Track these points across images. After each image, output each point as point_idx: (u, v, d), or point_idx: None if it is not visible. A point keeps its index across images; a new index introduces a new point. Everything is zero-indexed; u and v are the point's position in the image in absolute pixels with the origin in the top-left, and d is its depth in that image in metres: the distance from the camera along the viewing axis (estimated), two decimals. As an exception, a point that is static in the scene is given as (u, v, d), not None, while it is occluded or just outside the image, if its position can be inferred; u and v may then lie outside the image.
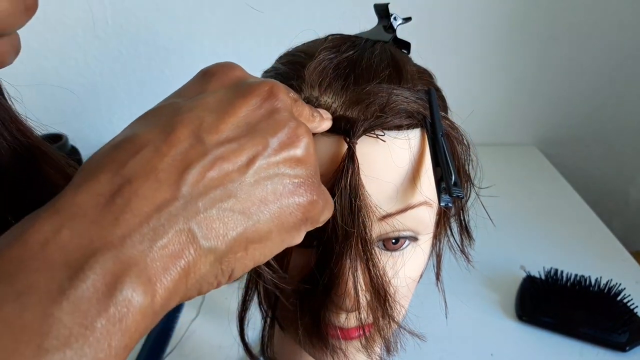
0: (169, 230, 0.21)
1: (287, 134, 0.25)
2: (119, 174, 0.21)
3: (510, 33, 1.00)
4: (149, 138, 0.23)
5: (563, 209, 0.92)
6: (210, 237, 0.22)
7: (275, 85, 0.26)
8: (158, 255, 0.20)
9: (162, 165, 0.22)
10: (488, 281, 0.73)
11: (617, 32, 1.01)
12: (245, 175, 0.24)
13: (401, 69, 0.36)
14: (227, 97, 0.25)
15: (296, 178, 0.25)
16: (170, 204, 0.21)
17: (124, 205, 0.21)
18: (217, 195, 0.23)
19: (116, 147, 0.23)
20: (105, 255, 0.19)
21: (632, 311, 0.64)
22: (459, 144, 0.38)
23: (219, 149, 0.23)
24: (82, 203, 0.20)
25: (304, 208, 0.26)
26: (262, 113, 0.25)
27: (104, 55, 0.96)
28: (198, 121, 0.23)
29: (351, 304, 0.34)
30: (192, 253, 0.22)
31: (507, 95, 1.07)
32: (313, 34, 0.41)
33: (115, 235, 0.20)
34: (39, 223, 0.20)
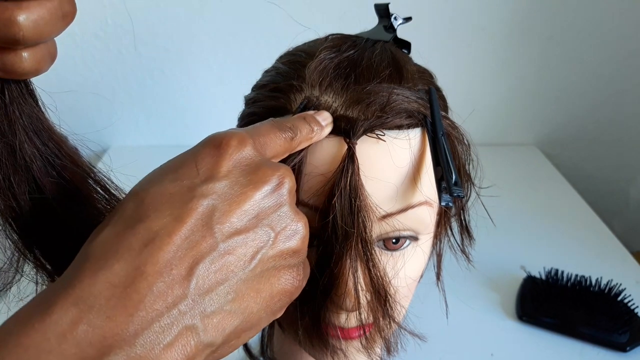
0: (176, 328, 0.22)
1: (288, 229, 0.26)
2: (133, 264, 0.22)
3: (510, 33, 1.00)
4: (162, 225, 0.23)
5: (563, 209, 0.92)
6: (210, 332, 0.23)
7: (285, 175, 0.27)
8: (163, 354, 0.21)
9: (175, 259, 0.22)
10: (488, 281, 0.73)
11: (617, 32, 1.01)
12: (247, 269, 0.25)
13: (401, 69, 0.36)
14: (240, 184, 0.25)
15: (289, 268, 0.27)
16: (180, 302, 0.22)
17: (138, 301, 0.21)
18: (220, 292, 0.24)
19: (129, 228, 0.23)
20: (118, 355, 0.20)
21: (632, 311, 0.64)
22: (459, 143, 0.38)
23: (228, 242, 0.24)
24: (97, 294, 0.21)
25: (290, 293, 0.27)
26: (270, 205, 0.26)
27: (104, 55, 0.96)
28: (210, 209, 0.24)
29: (351, 304, 0.34)
30: (193, 348, 0.22)
31: (507, 95, 1.07)
32: (313, 34, 0.41)
33: (128, 333, 0.21)
34: (57, 313, 0.20)
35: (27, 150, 0.28)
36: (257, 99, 0.38)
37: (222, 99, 1.01)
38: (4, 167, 0.27)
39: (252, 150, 0.27)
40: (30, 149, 0.28)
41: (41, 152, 0.28)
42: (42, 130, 0.29)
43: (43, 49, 0.25)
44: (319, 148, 0.33)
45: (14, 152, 0.27)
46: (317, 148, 0.33)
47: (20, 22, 0.22)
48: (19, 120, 0.27)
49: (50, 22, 0.24)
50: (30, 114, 0.28)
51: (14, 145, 0.27)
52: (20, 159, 0.28)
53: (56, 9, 0.24)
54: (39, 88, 0.29)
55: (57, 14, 0.24)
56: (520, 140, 1.13)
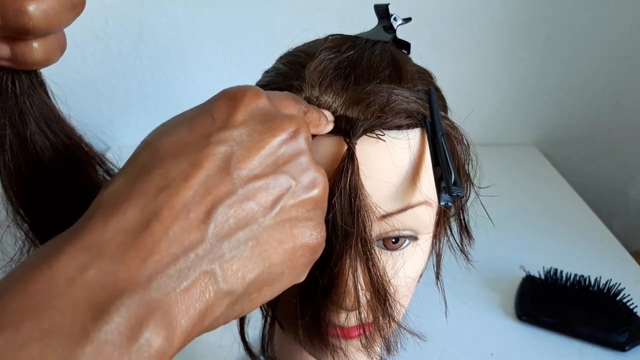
0: (194, 272, 0.21)
1: (309, 178, 0.26)
2: (147, 208, 0.21)
3: (510, 33, 1.00)
4: (178, 170, 0.22)
5: (563, 209, 0.92)
6: (230, 280, 0.22)
7: (301, 124, 0.26)
8: (181, 299, 0.20)
9: (192, 203, 0.22)
10: (488, 281, 0.73)
11: (617, 32, 1.01)
12: (268, 216, 0.24)
13: (401, 69, 0.36)
14: (257, 131, 0.25)
15: (311, 220, 0.26)
16: (198, 246, 0.21)
17: (152, 245, 0.20)
18: (240, 237, 0.23)
19: (143, 175, 0.22)
20: (131, 297, 0.19)
21: (631, 311, 0.64)
22: (458, 143, 0.38)
23: (246, 186, 0.23)
24: (109, 239, 0.20)
25: (313, 249, 0.26)
26: (289, 152, 0.25)
27: (104, 55, 0.96)
28: (228, 156, 0.23)
29: (351, 303, 0.34)
30: (212, 296, 0.22)
31: (507, 95, 1.07)
32: (313, 34, 0.41)
33: (142, 276, 0.20)
34: (66, 259, 0.20)
35: (38, 140, 0.28)
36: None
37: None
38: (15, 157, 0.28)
39: (268, 102, 0.26)
40: (41, 139, 0.28)
41: (52, 142, 0.29)
42: (53, 121, 0.29)
43: (53, 40, 0.25)
44: (319, 148, 0.33)
45: (25, 142, 0.28)
46: (317, 148, 0.33)
47: (31, 11, 0.23)
48: (30, 110, 0.27)
49: (60, 12, 0.24)
50: (41, 105, 0.28)
51: (25, 135, 0.28)
52: (31, 149, 0.28)
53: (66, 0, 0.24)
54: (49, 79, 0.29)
55: (66, 4, 0.24)
56: (520, 140, 1.14)
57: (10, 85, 0.26)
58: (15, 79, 0.26)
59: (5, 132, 0.27)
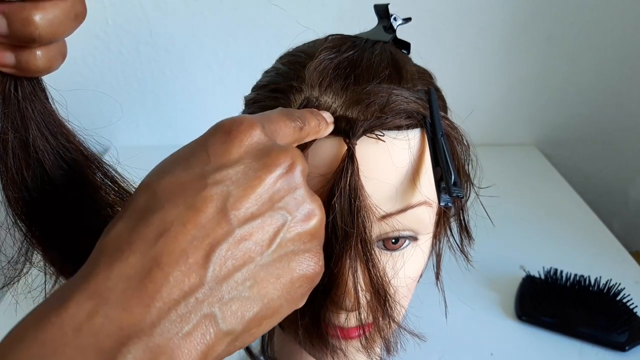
0: (195, 316, 0.22)
1: (304, 211, 0.26)
2: (148, 255, 0.22)
3: (510, 33, 1.00)
4: (176, 214, 0.23)
5: (563, 209, 0.92)
6: (229, 320, 0.23)
7: (296, 157, 0.26)
8: (183, 343, 0.21)
9: (190, 248, 0.22)
10: (488, 281, 0.73)
11: (617, 32, 1.01)
12: (265, 254, 0.24)
13: (401, 69, 0.36)
14: (252, 168, 0.25)
15: (308, 252, 0.26)
16: (198, 290, 0.22)
17: (154, 291, 0.21)
18: (238, 278, 0.23)
19: (143, 220, 0.23)
20: (137, 344, 0.20)
21: (631, 311, 0.64)
22: (458, 144, 0.38)
23: (243, 227, 0.24)
24: (113, 287, 0.21)
25: (311, 279, 0.27)
26: (284, 187, 0.25)
27: (104, 55, 0.96)
28: (224, 196, 0.24)
29: (351, 303, 0.34)
30: (213, 337, 0.22)
31: (507, 95, 1.07)
32: (313, 34, 0.41)
33: (146, 323, 0.20)
34: (73, 307, 0.20)
35: (39, 144, 0.29)
36: (257, 99, 0.38)
37: (222, 99, 1.01)
38: (16, 161, 0.28)
39: (262, 134, 0.26)
40: (42, 143, 0.29)
41: (52, 146, 0.29)
42: (54, 126, 0.30)
43: (55, 48, 0.26)
44: (319, 149, 0.33)
45: (26, 147, 0.28)
46: (317, 149, 0.33)
47: (37, 21, 0.24)
48: (32, 115, 0.28)
49: (64, 22, 0.25)
50: (42, 110, 0.29)
51: (26, 140, 0.28)
52: (33, 153, 0.29)
53: (69, 10, 0.25)
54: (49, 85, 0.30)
55: (70, 14, 0.25)
56: (520, 141, 1.14)
57: (13, 91, 0.27)
58: (18, 85, 0.27)
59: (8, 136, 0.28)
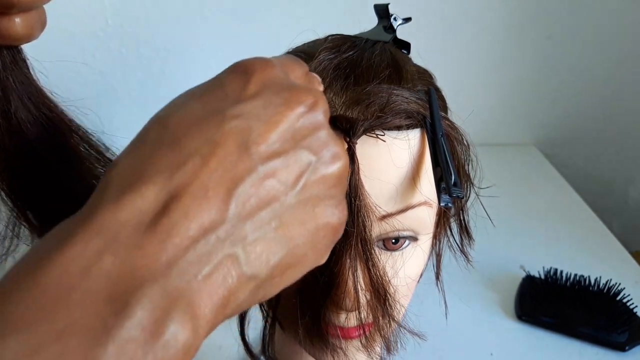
0: (215, 256, 0.20)
1: (329, 152, 0.24)
2: (165, 188, 0.20)
3: (510, 33, 1.00)
4: (195, 147, 0.21)
5: (563, 209, 0.92)
6: (253, 263, 0.21)
7: (319, 96, 0.25)
8: (203, 286, 0.19)
9: (211, 182, 0.20)
10: (488, 281, 0.73)
11: (617, 32, 1.01)
12: (290, 194, 0.22)
13: (401, 69, 0.36)
14: (273, 104, 0.23)
15: (332, 199, 0.24)
16: (218, 227, 0.20)
17: (170, 227, 0.19)
18: (263, 217, 0.21)
19: (156, 152, 0.21)
20: (152, 287, 0.18)
21: (631, 311, 0.64)
22: (458, 144, 0.38)
23: (267, 164, 0.22)
24: (124, 222, 0.19)
25: (335, 229, 0.25)
26: (307, 126, 0.24)
27: (104, 55, 0.96)
28: (245, 131, 0.22)
29: (351, 303, 0.34)
30: (235, 281, 0.20)
31: (507, 95, 1.07)
32: (313, 34, 0.41)
33: (161, 263, 0.18)
34: (79, 244, 0.18)
35: (21, 115, 0.28)
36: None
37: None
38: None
39: (280, 72, 0.25)
40: (24, 114, 0.29)
41: (35, 116, 0.29)
42: (35, 96, 0.29)
43: (35, 15, 0.26)
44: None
45: (8, 118, 0.28)
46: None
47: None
48: (13, 86, 0.28)
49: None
50: (24, 81, 0.29)
51: (8, 110, 0.28)
52: (16, 125, 0.28)
53: None
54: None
55: None
56: (520, 141, 1.14)
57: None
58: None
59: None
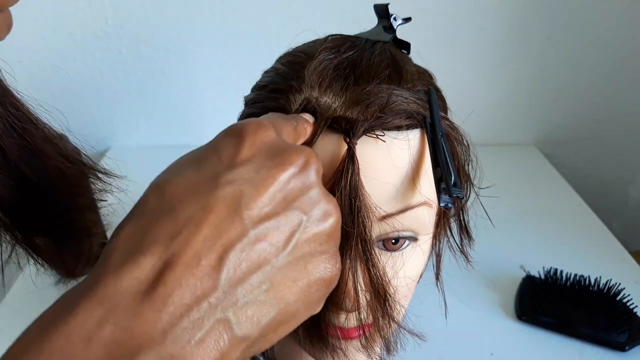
0: (207, 322, 0.21)
1: (320, 211, 0.25)
2: (160, 258, 0.21)
3: (509, 33, 1.00)
4: (188, 215, 0.22)
5: (563, 209, 0.92)
6: (244, 326, 0.22)
7: (310, 156, 0.25)
8: (196, 350, 0.20)
9: (203, 249, 0.21)
10: (488, 281, 0.73)
11: (616, 31, 1.01)
12: (281, 256, 0.23)
13: (401, 69, 0.36)
14: (265, 167, 0.24)
15: (324, 254, 0.25)
16: (211, 294, 0.21)
17: (165, 296, 0.20)
18: (254, 281, 0.22)
19: (154, 222, 0.22)
20: (149, 354, 0.19)
21: (631, 311, 0.64)
22: (458, 144, 0.38)
23: (258, 227, 0.23)
24: (123, 292, 0.20)
25: (328, 283, 0.26)
26: (298, 187, 0.24)
27: (104, 55, 0.96)
28: (238, 196, 0.23)
29: (351, 304, 0.34)
30: (227, 343, 0.21)
31: (507, 95, 1.07)
32: (313, 34, 0.41)
33: (157, 331, 0.19)
34: (82, 314, 0.19)
35: None
36: (257, 99, 0.38)
37: (222, 99, 1.01)
38: None
39: (274, 133, 0.26)
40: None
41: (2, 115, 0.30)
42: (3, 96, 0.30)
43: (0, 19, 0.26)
44: (319, 149, 0.33)
45: None
46: (317, 149, 0.33)
47: None
48: None
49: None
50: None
51: None
52: None
53: None
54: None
55: None
56: (520, 141, 1.14)
57: None
58: None
59: None
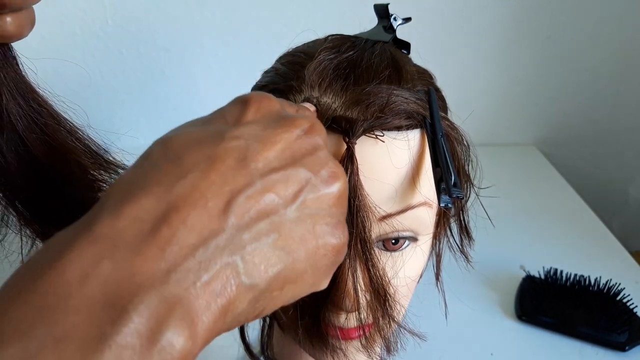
0: (214, 264, 0.20)
1: (328, 171, 0.25)
2: (164, 199, 0.20)
3: (509, 33, 1.00)
4: (194, 162, 0.21)
5: (562, 209, 0.92)
6: (252, 273, 0.21)
7: (315, 122, 0.26)
8: (202, 293, 0.19)
9: (210, 193, 0.21)
10: (487, 281, 0.73)
11: (616, 31, 1.01)
12: (289, 209, 0.23)
13: (401, 70, 0.36)
14: (271, 127, 0.24)
15: (332, 218, 0.25)
16: (217, 236, 0.20)
17: (170, 235, 0.19)
18: (261, 228, 0.22)
19: (157, 167, 0.21)
20: (150, 294, 0.18)
21: (631, 311, 0.64)
22: (458, 144, 0.38)
23: (265, 178, 0.22)
24: (123, 230, 0.19)
25: (336, 250, 0.25)
26: (305, 147, 0.24)
27: (104, 55, 0.96)
28: (244, 148, 0.23)
29: (351, 304, 0.34)
30: (234, 290, 0.20)
31: (507, 95, 1.07)
32: (313, 34, 0.41)
33: (160, 270, 0.19)
34: (77, 252, 0.18)
35: (12, 110, 0.30)
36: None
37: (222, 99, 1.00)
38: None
39: (278, 104, 0.26)
40: (15, 109, 0.30)
41: (25, 111, 0.30)
42: (25, 91, 0.31)
43: (25, 15, 0.27)
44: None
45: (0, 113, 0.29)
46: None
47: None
48: (4, 81, 0.29)
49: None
50: (14, 77, 0.30)
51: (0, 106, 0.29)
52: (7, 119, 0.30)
53: None
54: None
55: None
56: (520, 141, 1.14)
57: None
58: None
59: None
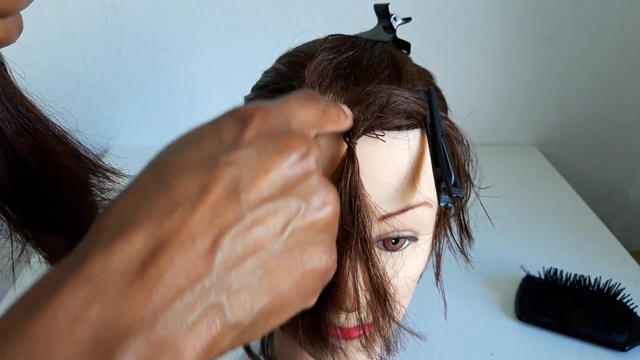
0: (200, 306, 0.20)
1: (319, 199, 0.24)
2: (154, 234, 0.20)
3: (510, 33, 1.00)
4: (185, 193, 0.21)
5: (563, 209, 0.92)
6: (237, 312, 0.21)
7: (311, 144, 0.25)
8: (188, 335, 0.19)
9: (198, 230, 0.20)
10: (488, 281, 0.73)
11: (617, 32, 1.01)
12: (276, 242, 0.23)
13: (401, 70, 0.36)
14: (266, 151, 0.23)
15: (321, 244, 0.25)
16: (204, 277, 0.20)
17: (157, 276, 0.19)
18: (248, 266, 0.22)
19: (148, 198, 0.21)
20: (138, 338, 0.18)
21: (631, 311, 0.64)
22: (458, 144, 0.38)
23: (255, 211, 0.22)
24: (113, 270, 0.19)
25: (323, 274, 0.25)
26: (298, 173, 0.24)
27: (104, 55, 0.96)
28: (236, 178, 0.22)
29: (351, 303, 0.34)
30: (219, 329, 0.20)
31: (507, 95, 1.07)
32: (313, 34, 0.41)
33: (148, 312, 0.19)
34: (68, 293, 0.18)
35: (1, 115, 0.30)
36: (257, 99, 0.38)
37: (222, 99, 1.01)
38: None
39: (277, 119, 0.25)
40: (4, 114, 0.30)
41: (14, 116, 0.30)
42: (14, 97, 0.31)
43: (12, 21, 0.26)
44: (319, 148, 0.33)
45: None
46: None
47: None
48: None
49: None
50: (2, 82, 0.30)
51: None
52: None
53: None
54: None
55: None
56: (520, 141, 1.14)
57: None
58: None
59: None
